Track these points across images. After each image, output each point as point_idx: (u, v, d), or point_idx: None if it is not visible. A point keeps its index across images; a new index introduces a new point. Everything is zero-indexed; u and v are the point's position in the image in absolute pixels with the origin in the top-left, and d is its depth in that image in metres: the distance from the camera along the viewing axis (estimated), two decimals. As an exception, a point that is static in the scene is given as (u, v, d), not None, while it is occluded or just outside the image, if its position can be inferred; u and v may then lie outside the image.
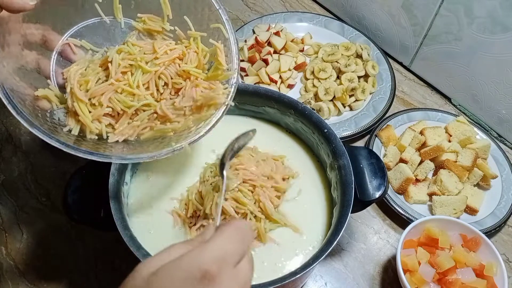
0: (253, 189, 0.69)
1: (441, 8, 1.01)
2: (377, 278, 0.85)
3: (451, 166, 0.93)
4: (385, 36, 1.18)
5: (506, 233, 0.93)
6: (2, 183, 0.93)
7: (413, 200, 0.92)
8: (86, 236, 0.86)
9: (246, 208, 0.67)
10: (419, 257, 0.79)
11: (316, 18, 1.21)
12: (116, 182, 0.67)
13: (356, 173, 0.70)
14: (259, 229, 0.68)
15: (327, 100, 1.03)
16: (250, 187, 0.69)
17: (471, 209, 0.91)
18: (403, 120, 1.04)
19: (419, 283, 0.77)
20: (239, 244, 0.42)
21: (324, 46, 1.14)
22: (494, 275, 0.78)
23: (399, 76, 1.16)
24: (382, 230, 0.91)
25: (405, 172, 0.92)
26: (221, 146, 0.77)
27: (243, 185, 0.69)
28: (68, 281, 0.81)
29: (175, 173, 0.76)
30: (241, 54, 1.11)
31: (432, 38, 1.07)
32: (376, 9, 1.16)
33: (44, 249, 0.85)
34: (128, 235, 0.61)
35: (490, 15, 0.93)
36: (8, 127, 1.01)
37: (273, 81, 1.07)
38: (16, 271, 0.82)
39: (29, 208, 0.90)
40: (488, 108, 1.04)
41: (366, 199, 0.70)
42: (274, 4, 1.31)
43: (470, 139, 0.97)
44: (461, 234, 0.83)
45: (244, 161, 0.72)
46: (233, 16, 1.27)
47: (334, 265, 0.86)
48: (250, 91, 0.79)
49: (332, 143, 0.73)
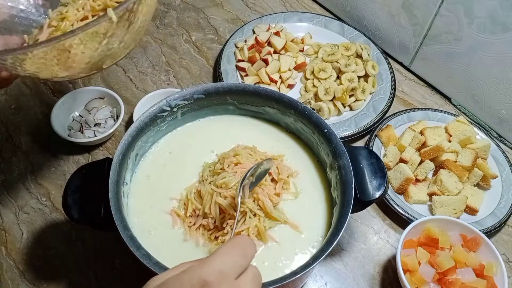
0: (252, 187, 0.70)
1: (441, 8, 1.01)
2: (377, 278, 0.85)
3: (451, 166, 0.93)
4: (385, 36, 1.18)
5: (506, 233, 0.93)
6: (2, 183, 0.93)
7: (413, 200, 0.92)
8: (86, 236, 0.86)
9: (245, 206, 0.68)
10: (419, 257, 0.79)
11: (316, 18, 1.21)
12: (116, 182, 0.67)
13: (356, 173, 0.70)
14: (259, 228, 0.68)
15: (327, 100, 1.03)
16: None
17: (471, 209, 0.91)
18: (403, 120, 1.04)
19: (419, 283, 0.77)
20: (240, 257, 0.44)
21: (324, 46, 1.15)
22: (494, 275, 0.78)
23: (399, 76, 1.16)
24: (382, 230, 0.91)
25: (405, 172, 0.92)
26: (220, 146, 0.78)
27: None
28: (68, 281, 0.81)
29: (175, 173, 0.76)
30: (241, 54, 1.11)
31: (432, 38, 1.07)
32: (376, 9, 1.16)
33: (44, 249, 0.85)
34: (128, 235, 0.61)
35: (490, 15, 0.93)
36: (8, 127, 1.01)
37: (273, 81, 1.07)
38: (16, 271, 0.82)
39: (29, 208, 0.90)
40: (488, 108, 1.04)
41: (366, 199, 0.70)
42: (274, 4, 1.31)
43: (470, 139, 0.97)
44: (461, 234, 0.83)
45: (243, 160, 0.72)
46: (233, 16, 1.27)
47: (334, 265, 0.86)
48: (250, 91, 0.79)
49: (332, 143, 0.73)
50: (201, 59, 1.17)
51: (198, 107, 0.80)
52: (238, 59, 1.11)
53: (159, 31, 1.22)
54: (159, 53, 1.17)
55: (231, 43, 1.14)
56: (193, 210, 0.70)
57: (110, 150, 0.98)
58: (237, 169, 0.71)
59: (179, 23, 1.25)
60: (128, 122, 1.03)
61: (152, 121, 0.75)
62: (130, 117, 1.02)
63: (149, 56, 1.16)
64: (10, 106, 1.05)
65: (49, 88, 1.08)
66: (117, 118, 0.98)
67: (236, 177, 0.69)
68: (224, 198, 0.68)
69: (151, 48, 1.18)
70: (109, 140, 1.00)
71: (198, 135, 0.81)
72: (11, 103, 1.05)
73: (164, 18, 1.26)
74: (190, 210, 0.70)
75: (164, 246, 0.68)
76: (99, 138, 0.95)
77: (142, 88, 1.10)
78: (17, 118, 1.03)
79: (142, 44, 1.19)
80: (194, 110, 0.81)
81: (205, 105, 0.81)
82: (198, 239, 0.69)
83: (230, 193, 0.68)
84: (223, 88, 0.79)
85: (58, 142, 0.96)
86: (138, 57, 1.16)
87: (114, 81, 1.11)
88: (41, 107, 1.04)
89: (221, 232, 0.68)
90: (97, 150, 0.98)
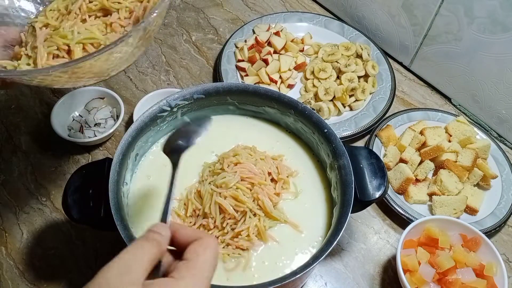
0: (251, 187, 0.70)
1: (441, 8, 1.01)
2: (377, 278, 0.85)
3: (451, 166, 0.93)
4: (385, 36, 1.18)
5: (506, 233, 0.93)
6: (2, 183, 0.93)
7: (413, 200, 0.92)
8: (86, 236, 0.86)
9: (245, 206, 0.68)
10: (419, 257, 0.79)
11: (316, 18, 1.21)
12: (116, 182, 0.66)
13: (356, 173, 0.70)
14: (259, 227, 0.68)
15: (327, 100, 1.03)
16: (249, 185, 0.70)
17: (471, 209, 0.91)
18: (403, 120, 1.04)
19: (419, 283, 0.77)
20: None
21: (324, 46, 1.15)
22: (494, 275, 0.78)
23: (399, 76, 1.16)
24: (382, 230, 0.91)
25: (405, 172, 0.92)
26: (220, 146, 0.78)
27: (241, 183, 0.69)
28: (68, 281, 0.81)
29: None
30: (241, 54, 1.11)
31: (432, 38, 1.07)
32: (376, 9, 1.16)
33: (44, 249, 0.85)
34: (128, 235, 0.61)
35: (490, 15, 0.93)
36: (8, 127, 1.01)
37: (273, 81, 1.07)
38: (16, 271, 0.82)
39: (29, 208, 0.90)
40: (488, 108, 1.04)
41: (366, 199, 0.70)
42: (274, 4, 1.31)
43: (470, 139, 0.97)
44: (461, 234, 0.83)
45: (243, 160, 0.72)
46: (233, 16, 1.27)
47: (334, 265, 0.86)
48: (250, 91, 0.79)
49: (332, 143, 0.73)
50: (201, 59, 1.17)
51: (198, 107, 0.80)
52: (238, 59, 1.11)
53: (159, 31, 1.22)
54: (159, 53, 1.17)
55: (231, 43, 1.14)
56: (193, 210, 0.70)
57: (110, 150, 0.98)
58: (237, 169, 0.71)
59: (179, 23, 1.25)
60: (128, 122, 1.03)
61: (152, 121, 0.75)
62: (130, 117, 1.02)
63: (149, 56, 1.16)
64: (10, 106, 1.05)
65: (49, 88, 1.08)
66: (117, 118, 0.98)
67: (236, 177, 0.69)
68: (224, 198, 0.68)
69: (151, 48, 1.18)
70: (109, 140, 1.00)
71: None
72: (11, 103, 1.05)
73: (164, 18, 1.25)
74: (190, 210, 0.70)
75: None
76: (99, 138, 0.95)
77: (142, 88, 1.10)
78: (17, 118, 1.03)
79: (142, 44, 1.19)
80: (194, 110, 0.81)
81: (205, 105, 0.81)
82: (198, 239, 0.69)
83: (230, 193, 0.68)
84: (223, 88, 0.79)
85: (58, 142, 0.96)
86: (138, 57, 1.16)
87: (114, 81, 1.11)
88: (41, 107, 1.04)
89: (221, 231, 0.68)
90: (97, 150, 0.99)
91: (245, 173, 0.70)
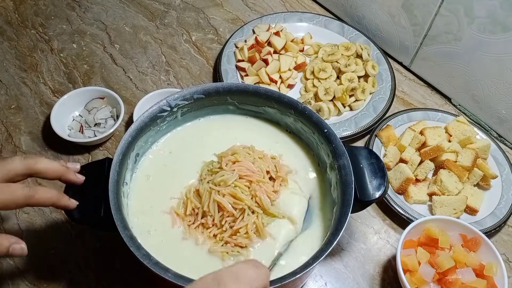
0: (249, 184, 0.70)
1: (441, 8, 1.01)
2: (377, 278, 0.85)
3: (451, 166, 0.93)
4: (385, 36, 1.18)
5: (506, 233, 0.93)
6: (2, 183, 0.93)
7: (413, 200, 0.92)
8: (86, 236, 0.86)
9: (243, 203, 0.68)
10: (419, 257, 0.79)
11: (316, 18, 1.21)
12: (116, 182, 0.66)
13: (356, 173, 0.70)
14: (257, 225, 0.68)
15: (327, 100, 1.03)
16: (247, 183, 0.70)
17: (471, 209, 0.91)
18: (403, 120, 1.04)
19: (419, 283, 0.77)
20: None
21: (324, 46, 1.15)
22: (494, 275, 0.78)
23: (399, 76, 1.16)
24: (382, 230, 0.91)
25: (405, 172, 0.92)
26: (220, 145, 0.78)
27: (239, 181, 0.69)
28: (68, 281, 0.81)
29: (175, 173, 0.76)
30: (241, 54, 1.11)
31: (432, 38, 1.07)
32: (376, 9, 1.16)
33: (44, 249, 0.85)
34: (128, 235, 0.61)
35: (490, 15, 0.93)
36: (8, 127, 1.01)
37: (273, 81, 1.07)
38: (16, 271, 0.82)
39: (29, 208, 0.90)
40: (488, 108, 1.05)
41: (366, 199, 0.70)
42: (274, 4, 1.31)
43: (470, 139, 0.97)
44: (461, 234, 0.83)
45: (241, 158, 0.72)
46: (233, 16, 1.27)
47: (334, 265, 0.86)
48: (250, 91, 0.79)
49: (332, 143, 0.73)
50: (201, 59, 1.17)
51: (198, 107, 0.80)
52: (238, 59, 1.11)
53: (159, 31, 1.22)
54: (159, 53, 1.17)
55: (231, 43, 1.14)
56: (192, 209, 0.70)
57: (110, 150, 0.98)
58: (235, 167, 0.71)
59: (179, 23, 1.25)
60: (128, 122, 1.03)
61: (152, 121, 0.75)
62: (130, 117, 1.02)
63: (149, 56, 1.16)
64: (10, 106, 1.05)
65: (49, 88, 1.08)
66: (117, 118, 0.98)
67: (234, 175, 0.70)
68: (223, 196, 0.68)
69: (151, 48, 1.18)
70: (109, 140, 1.00)
71: (198, 135, 0.81)
72: (11, 103, 1.05)
73: (164, 18, 1.26)
74: (190, 209, 0.70)
75: (164, 246, 0.68)
76: (99, 138, 0.95)
77: (142, 88, 1.10)
78: (17, 118, 1.03)
79: (142, 44, 1.19)
80: (194, 110, 0.81)
81: (205, 105, 0.81)
82: (197, 237, 0.69)
83: (228, 191, 0.68)
84: (223, 88, 0.79)
85: (58, 142, 0.96)
86: (138, 57, 1.16)
87: (114, 81, 1.11)
88: (41, 107, 1.04)
89: (220, 229, 0.68)
90: (97, 150, 0.98)
91: (243, 171, 0.70)
